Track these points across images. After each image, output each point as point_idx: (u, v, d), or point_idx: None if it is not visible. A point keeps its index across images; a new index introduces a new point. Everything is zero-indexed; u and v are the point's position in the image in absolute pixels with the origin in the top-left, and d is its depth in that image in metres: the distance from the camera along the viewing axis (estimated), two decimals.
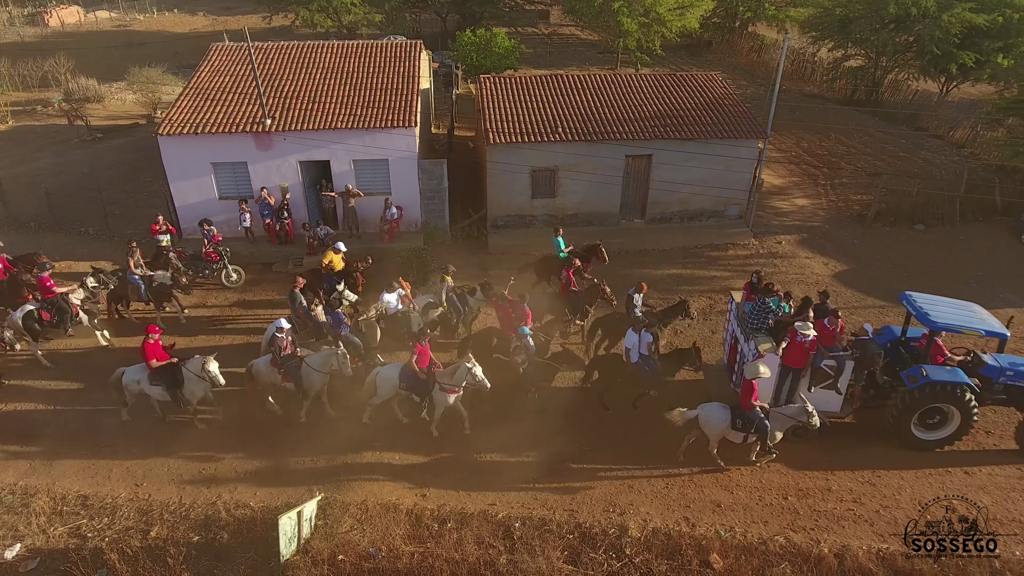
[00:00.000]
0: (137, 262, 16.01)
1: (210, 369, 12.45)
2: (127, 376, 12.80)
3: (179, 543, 10.44)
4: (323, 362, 13.00)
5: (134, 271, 15.92)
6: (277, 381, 13.17)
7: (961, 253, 20.00)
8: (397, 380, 12.79)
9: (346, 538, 10.64)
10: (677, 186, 20.03)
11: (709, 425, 12.07)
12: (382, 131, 18.44)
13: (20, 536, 10.79)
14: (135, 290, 15.95)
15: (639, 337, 13.12)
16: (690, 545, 10.87)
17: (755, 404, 11.78)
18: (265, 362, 13.22)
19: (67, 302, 15.01)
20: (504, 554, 10.55)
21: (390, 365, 13.22)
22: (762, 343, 12.56)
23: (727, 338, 14.64)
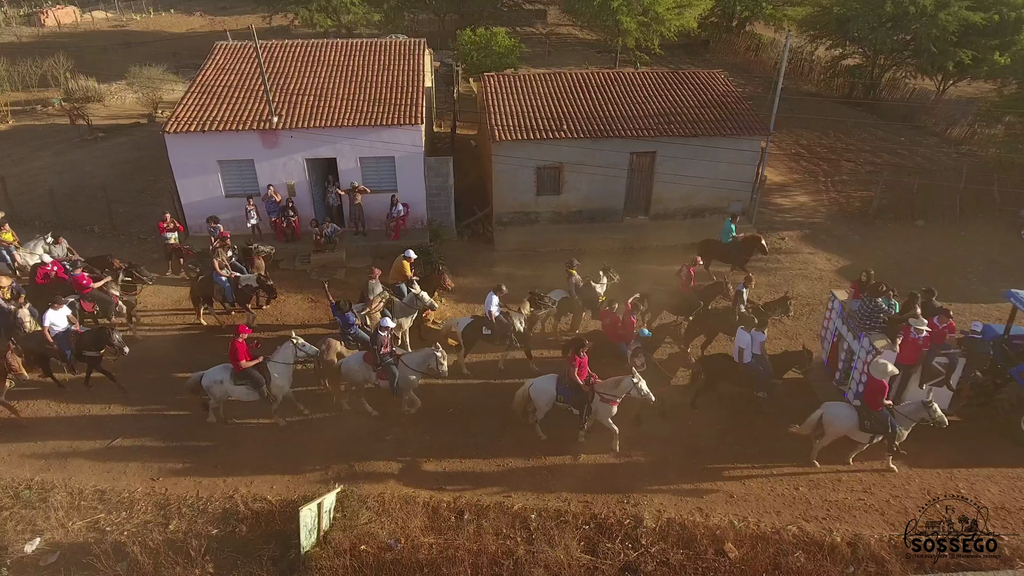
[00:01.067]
0: (222, 263, 15.81)
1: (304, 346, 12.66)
2: (207, 378, 12.57)
3: (199, 536, 10.48)
4: (421, 362, 12.88)
5: (219, 272, 15.71)
6: (370, 379, 12.98)
7: (962, 248, 20.21)
8: (554, 392, 12.39)
9: (365, 530, 10.70)
10: (681, 183, 20.18)
11: (834, 424, 11.94)
12: (388, 128, 18.53)
13: (39, 530, 10.81)
14: (220, 291, 15.79)
15: (751, 336, 12.90)
16: (705, 535, 10.99)
17: (884, 404, 11.70)
18: (358, 360, 13.01)
19: (107, 293, 15.18)
20: (522, 545, 10.64)
21: (544, 377, 12.72)
22: (878, 340, 12.47)
23: (826, 337, 14.54)
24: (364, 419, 13.36)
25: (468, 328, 14.49)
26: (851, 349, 13.39)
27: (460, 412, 13.66)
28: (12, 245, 16.76)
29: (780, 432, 13.00)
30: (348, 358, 13.22)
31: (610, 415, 12.27)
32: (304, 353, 12.83)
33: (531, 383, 12.67)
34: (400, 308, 14.73)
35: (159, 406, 13.71)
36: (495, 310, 14.38)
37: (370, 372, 12.89)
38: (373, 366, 12.83)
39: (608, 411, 12.23)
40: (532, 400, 12.62)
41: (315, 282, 18.23)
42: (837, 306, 14.06)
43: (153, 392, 14.01)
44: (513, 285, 17.96)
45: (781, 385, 13.39)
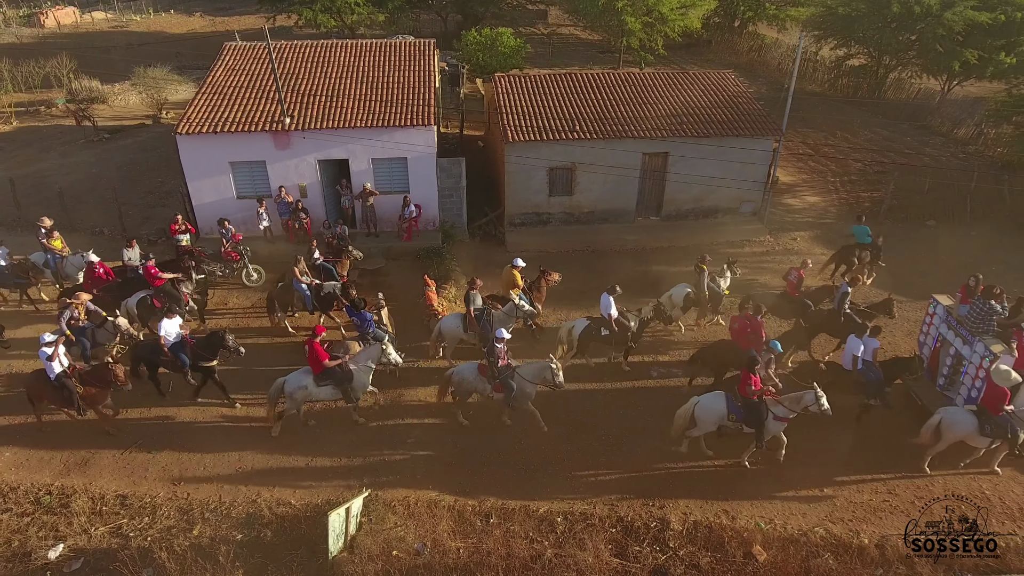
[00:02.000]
0: (303, 270, 15.56)
1: (391, 354, 12.63)
2: (290, 384, 12.51)
3: (225, 541, 10.39)
4: (536, 373, 12.59)
5: (300, 279, 15.44)
6: (485, 391, 12.76)
7: (973, 248, 20.16)
8: (724, 411, 11.88)
9: (391, 534, 10.63)
10: (692, 184, 20.15)
11: (952, 430, 11.75)
12: (402, 129, 18.44)
13: (61, 536, 10.71)
14: (302, 299, 15.56)
15: (864, 343, 12.70)
16: (732, 538, 10.95)
17: (1006, 409, 11.53)
18: (472, 370, 12.78)
19: (177, 289, 15.16)
20: (550, 548, 10.58)
21: (712, 395, 12.20)
22: (994, 345, 12.28)
23: (926, 342, 14.33)
24: (383, 422, 13.31)
25: (585, 331, 14.35)
26: (959, 354, 13.11)
27: (479, 415, 13.58)
28: (61, 253, 16.60)
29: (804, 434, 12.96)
30: (461, 368, 12.97)
31: (781, 430, 11.96)
32: (387, 359, 12.74)
33: (696, 401, 12.13)
34: (500, 317, 14.48)
35: (176, 408, 13.62)
36: (614, 312, 14.26)
37: (485, 384, 12.66)
38: (489, 378, 12.58)
39: (780, 426, 11.89)
40: (696, 419, 12.08)
41: None
42: (941, 311, 13.78)
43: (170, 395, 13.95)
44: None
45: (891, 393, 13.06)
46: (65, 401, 12.34)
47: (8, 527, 10.87)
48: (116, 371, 12.21)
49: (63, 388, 12.19)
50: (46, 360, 12.08)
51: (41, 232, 16.58)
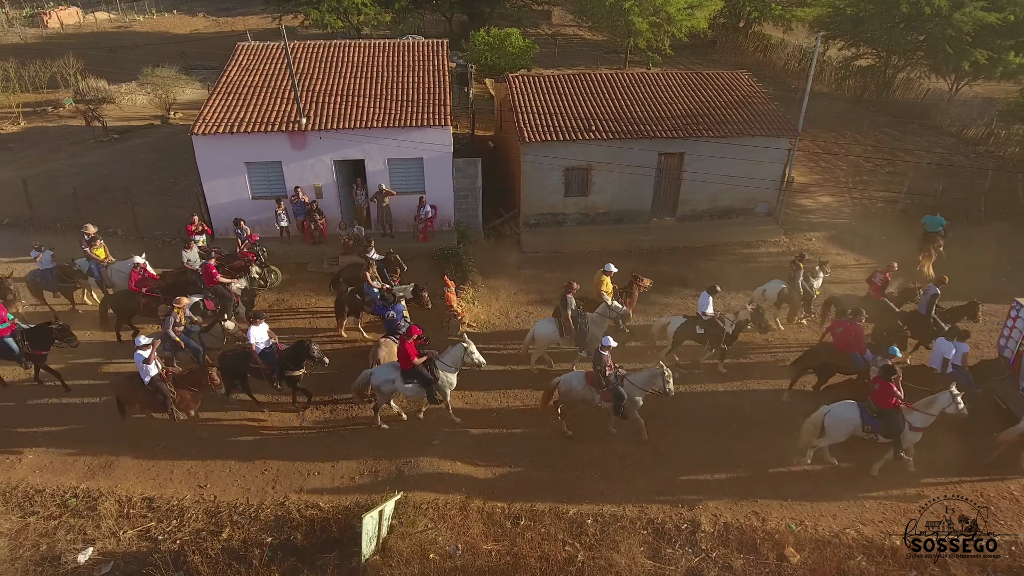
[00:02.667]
0: (374, 275, 15.43)
1: (474, 354, 12.60)
2: (377, 377, 12.60)
3: (257, 544, 10.32)
4: (647, 381, 12.35)
5: (371, 283, 15.27)
6: (593, 400, 12.50)
7: (988, 249, 20.15)
8: (858, 421, 11.57)
9: (423, 537, 10.57)
10: (708, 184, 20.12)
11: None
12: (418, 129, 18.38)
13: (90, 540, 10.64)
14: (372, 302, 15.29)
15: (955, 347, 12.46)
16: (764, 540, 10.90)
17: None
18: (579, 379, 12.55)
19: (229, 291, 15.12)
20: (582, 551, 10.52)
21: (844, 404, 11.84)
22: None
23: (1008, 345, 14.00)
24: (409, 424, 13.23)
25: (681, 328, 14.34)
26: None
27: (503, 415, 13.53)
28: (105, 262, 16.42)
29: None
30: (568, 377, 12.71)
31: (917, 440, 11.66)
32: (471, 360, 12.71)
33: (827, 411, 11.80)
34: (595, 319, 14.35)
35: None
36: (711, 311, 14.21)
37: (593, 393, 12.43)
38: (597, 387, 12.37)
39: (916, 436, 11.59)
40: (826, 429, 11.78)
41: None
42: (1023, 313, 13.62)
43: None
44: (544, 288, 18.02)
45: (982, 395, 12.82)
46: (158, 405, 12.16)
47: (36, 531, 10.79)
48: (212, 375, 12.08)
49: (157, 392, 12.01)
50: (142, 363, 11.89)
51: (84, 240, 16.33)
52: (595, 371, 12.34)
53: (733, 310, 15.02)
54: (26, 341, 13.38)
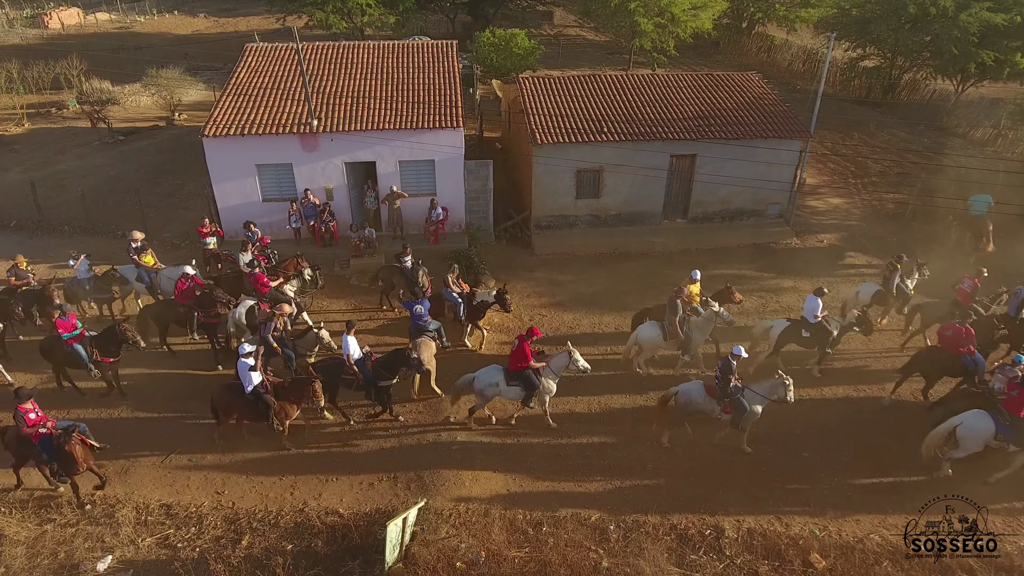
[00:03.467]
0: (455, 279, 15.32)
1: (579, 360, 12.43)
2: (481, 381, 12.50)
3: (278, 552, 10.20)
4: (768, 391, 12.06)
5: (452, 287, 15.11)
6: (712, 412, 12.20)
7: (1002, 249, 20.09)
8: (992, 430, 11.24)
9: (445, 544, 10.46)
10: (719, 186, 20.05)
11: None
12: (430, 131, 18.28)
13: (109, 547, 10.49)
14: (453, 308, 15.16)
15: None
16: (789, 546, 10.80)
17: None
18: (699, 389, 12.24)
19: (283, 294, 15.04)
20: (606, 557, 10.42)
21: (976, 414, 11.49)
22: None
23: None
24: (427, 429, 13.13)
25: (785, 331, 14.16)
26: None
27: (521, 420, 13.42)
28: (154, 269, 16.10)
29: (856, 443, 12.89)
30: (687, 388, 12.40)
31: None
32: (576, 367, 12.56)
33: (958, 421, 11.49)
34: (699, 324, 14.16)
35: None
36: (819, 313, 14.06)
37: (713, 405, 12.13)
38: (719, 398, 12.06)
39: None
40: (959, 440, 11.46)
41: (355, 287, 17.99)
42: None
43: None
44: (556, 290, 17.95)
45: None
46: (259, 415, 11.92)
47: (53, 538, 10.65)
48: (317, 389, 11.85)
49: (259, 401, 11.82)
50: (248, 371, 11.70)
51: (132, 248, 16.04)
52: (720, 381, 11.98)
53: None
54: (95, 348, 13.22)
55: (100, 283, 15.77)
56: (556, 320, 16.79)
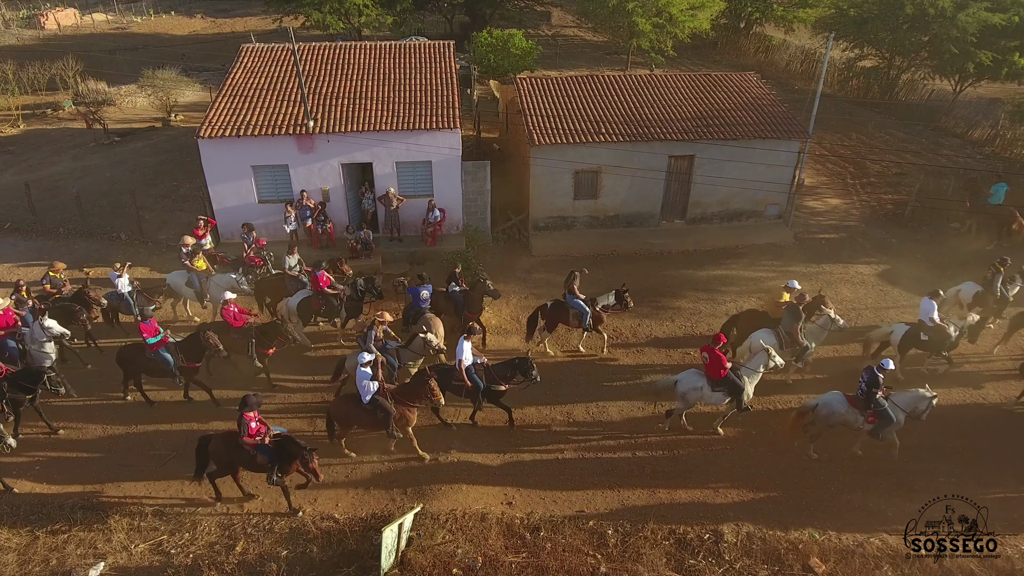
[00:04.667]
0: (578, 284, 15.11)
1: (776, 358, 12.47)
2: (683, 385, 12.45)
3: (273, 558, 10.10)
4: (911, 402, 11.91)
5: (576, 294, 14.91)
6: (855, 423, 12.04)
7: (1000, 250, 20.02)
8: None
9: (442, 550, 10.36)
10: (718, 186, 19.95)
11: None
12: (427, 132, 18.16)
13: (101, 554, 10.39)
14: (577, 315, 14.93)
15: None
16: (789, 550, 10.72)
17: None
18: (841, 401, 12.03)
19: (337, 297, 14.98)
20: (604, 562, 10.33)
21: None
22: None
23: None
24: (423, 432, 13.00)
25: (906, 336, 14.05)
26: None
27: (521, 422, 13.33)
28: (205, 274, 15.82)
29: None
30: (829, 400, 12.10)
31: None
32: (774, 363, 12.57)
33: None
34: (812, 331, 14.01)
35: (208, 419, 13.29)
36: (936, 317, 13.96)
37: (856, 415, 11.95)
38: (862, 409, 11.88)
39: None
40: None
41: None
42: None
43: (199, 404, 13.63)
44: (554, 292, 17.74)
45: None
46: (379, 423, 11.82)
47: (45, 545, 10.55)
48: (433, 387, 11.69)
49: (378, 409, 11.68)
50: (366, 381, 11.58)
51: (183, 253, 15.87)
52: (865, 392, 11.82)
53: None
54: (180, 354, 13.05)
55: (144, 297, 15.46)
56: None
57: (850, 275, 18.92)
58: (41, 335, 13.23)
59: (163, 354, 12.94)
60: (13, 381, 12.17)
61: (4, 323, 13.61)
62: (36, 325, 13.28)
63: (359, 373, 11.58)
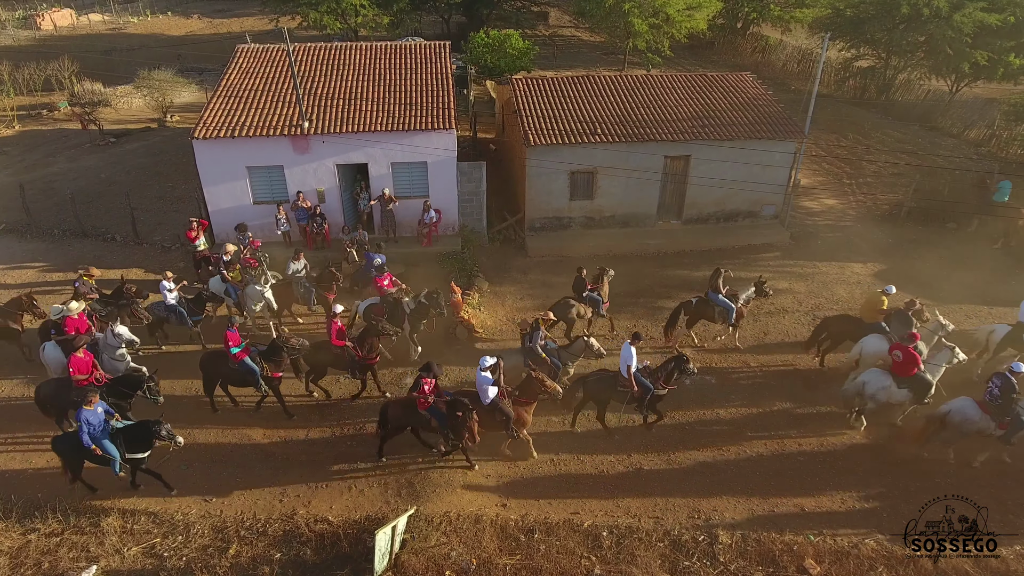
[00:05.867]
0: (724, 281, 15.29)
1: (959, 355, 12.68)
2: (872, 385, 12.54)
3: (266, 561, 10.06)
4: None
5: (721, 291, 15.09)
6: (987, 430, 11.73)
7: (997, 250, 20.07)
8: None
9: (436, 552, 10.33)
10: (714, 187, 19.93)
11: None
12: (422, 133, 18.14)
13: (93, 557, 10.34)
14: (723, 312, 15.08)
15: None
16: (783, 551, 10.70)
17: None
18: (974, 407, 11.77)
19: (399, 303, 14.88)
20: (599, 565, 10.30)
21: None
22: None
23: None
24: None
25: (1007, 336, 13.98)
26: None
27: None
28: (239, 285, 15.70)
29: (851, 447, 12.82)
30: (962, 406, 11.88)
31: None
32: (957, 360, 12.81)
33: None
34: (929, 334, 13.85)
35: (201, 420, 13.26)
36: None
37: (989, 422, 11.68)
38: (995, 415, 11.60)
39: None
40: None
41: (346, 289, 17.78)
42: None
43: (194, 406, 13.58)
44: (550, 292, 17.78)
45: None
46: (500, 424, 11.80)
47: (37, 548, 10.49)
48: (543, 380, 11.84)
49: (496, 411, 11.68)
50: (488, 386, 11.58)
51: (223, 261, 15.75)
52: (1001, 399, 11.59)
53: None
54: (264, 363, 12.97)
55: (193, 306, 15.17)
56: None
57: (846, 275, 18.90)
58: (114, 341, 13.14)
59: (248, 363, 12.80)
60: (113, 388, 12.13)
61: (77, 328, 13.48)
62: (108, 332, 13.19)
63: (481, 377, 11.61)
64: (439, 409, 11.51)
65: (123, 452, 10.93)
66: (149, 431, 10.97)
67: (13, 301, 14.73)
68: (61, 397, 12.20)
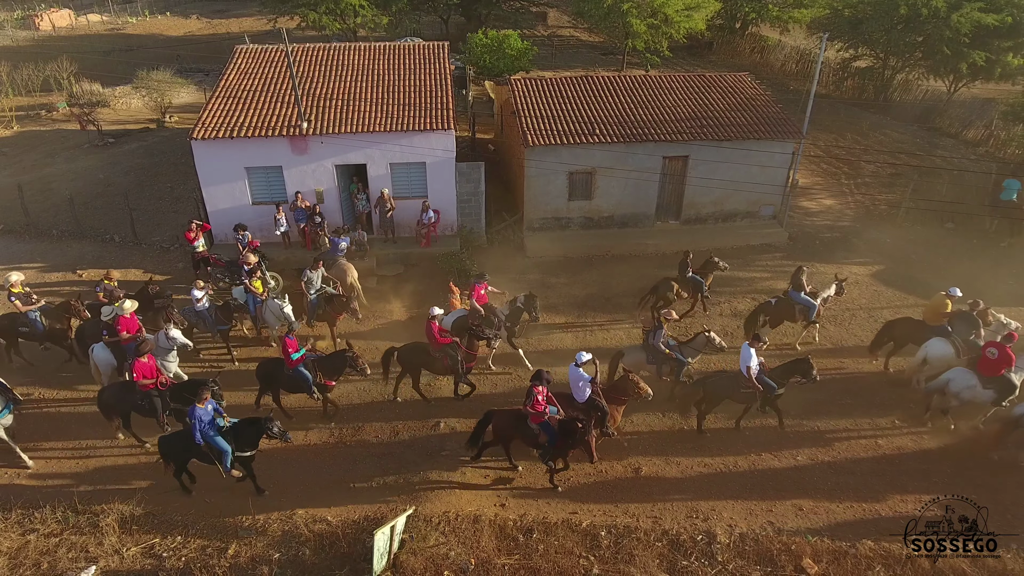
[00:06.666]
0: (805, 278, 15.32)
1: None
2: (956, 384, 12.49)
3: (265, 561, 10.07)
4: None
5: (805, 289, 15.04)
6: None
7: (995, 250, 20.12)
8: None
9: (434, 552, 10.34)
10: (712, 187, 19.96)
11: None
12: (421, 133, 18.14)
13: (92, 557, 10.35)
14: (804, 310, 15.02)
15: None
16: (781, 551, 10.72)
17: None
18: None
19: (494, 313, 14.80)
20: (597, 564, 10.32)
21: None
22: None
23: None
24: (418, 432, 13.02)
25: None
26: None
27: None
28: (262, 297, 15.27)
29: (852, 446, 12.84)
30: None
31: None
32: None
33: None
34: (991, 335, 13.73)
35: None
36: None
37: None
38: None
39: None
40: None
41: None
42: None
43: None
44: (549, 293, 17.83)
45: None
46: (595, 423, 11.75)
47: (36, 548, 10.49)
48: (636, 381, 11.87)
49: (594, 409, 11.68)
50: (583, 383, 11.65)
51: (244, 271, 15.62)
52: None
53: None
54: (319, 371, 12.98)
55: (222, 313, 15.04)
56: (548, 322, 16.65)
57: (844, 275, 18.87)
58: (166, 344, 13.11)
59: (302, 370, 12.83)
60: (177, 393, 12.18)
61: (128, 328, 13.46)
62: (161, 334, 13.17)
63: (575, 372, 11.51)
64: (550, 424, 11.25)
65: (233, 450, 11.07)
66: (259, 428, 11.03)
67: (63, 304, 14.69)
68: (125, 401, 12.35)
